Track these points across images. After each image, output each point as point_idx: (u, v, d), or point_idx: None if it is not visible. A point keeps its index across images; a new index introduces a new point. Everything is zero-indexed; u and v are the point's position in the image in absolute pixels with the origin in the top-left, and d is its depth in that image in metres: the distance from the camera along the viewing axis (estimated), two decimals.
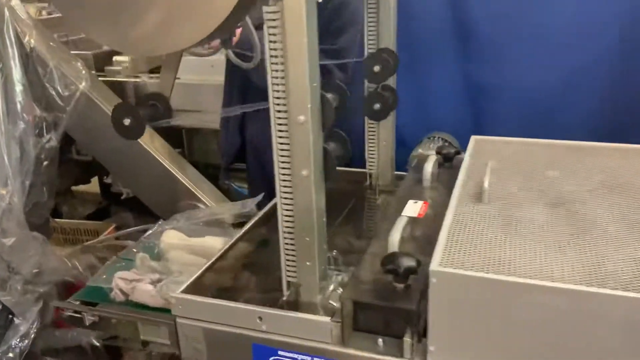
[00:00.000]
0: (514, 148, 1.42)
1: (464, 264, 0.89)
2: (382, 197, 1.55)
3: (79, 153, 2.95)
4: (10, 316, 1.78)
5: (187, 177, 2.55)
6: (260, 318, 1.02)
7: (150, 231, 1.62)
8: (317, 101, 0.93)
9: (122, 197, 3.03)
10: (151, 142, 2.49)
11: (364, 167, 1.61)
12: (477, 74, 1.99)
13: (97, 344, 2.13)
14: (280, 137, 0.95)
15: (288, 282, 1.05)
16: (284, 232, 1.01)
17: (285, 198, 0.99)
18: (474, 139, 1.48)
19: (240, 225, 1.62)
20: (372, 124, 1.52)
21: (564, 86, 1.93)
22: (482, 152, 1.39)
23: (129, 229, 2.72)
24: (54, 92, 2.20)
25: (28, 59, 2.11)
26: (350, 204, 1.54)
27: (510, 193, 1.16)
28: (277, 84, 0.92)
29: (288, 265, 1.03)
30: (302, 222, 0.98)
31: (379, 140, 1.53)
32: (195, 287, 1.12)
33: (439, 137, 1.74)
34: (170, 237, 1.57)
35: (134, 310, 1.35)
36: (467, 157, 1.36)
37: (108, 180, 3.19)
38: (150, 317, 1.31)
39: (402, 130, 1.73)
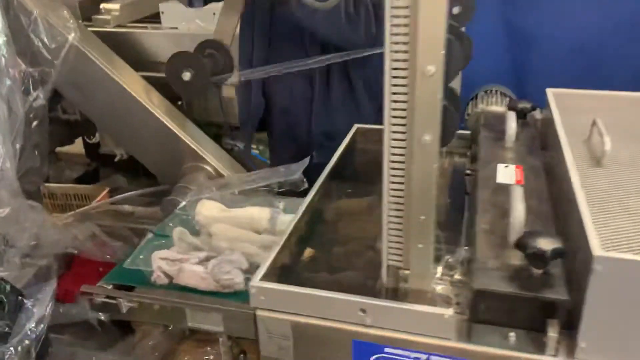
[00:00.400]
0: (600, 102, 1.26)
1: (626, 247, 0.75)
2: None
3: (65, 112, 2.70)
4: (20, 297, 1.59)
5: (190, 137, 2.35)
6: (364, 310, 0.86)
7: (183, 202, 1.42)
8: (445, 47, 0.74)
9: (116, 159, 2.80)
10: (148, 97, 2.27)
11: None
12: (523, 23, 1.82)
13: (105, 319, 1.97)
14: (396, 93, 0.77)
15: (389, 266, 0.89)
16: (391, 209, 0.84)
17: (397, 169, 0.81)
18: (551, 92, 1.32)
19: (282, 194, 1.44)
20: None
21: (615, 36, 1.78)
22: (569, 107, 1.23)
23: (126, 194, 2.53)
24: (40, 44, 1.95)
25: (8, 5, 1.85)
26: None
27: (626, 154, 1.01)
28: (399, 25, 0.73)
29: (392, 248, 0.87)
30: (418, 198, 0.81)
31: None
32: (272, 273, 0.95)
33: (496, 91, 1.57)
34: (208, 208, 1.38)
35: (181, 295, 1.18)
36: (555, 113, 1.20)
37: (94, 140, 2.96)
38: (204, 303, 1.14)
39: None
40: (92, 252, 1.97)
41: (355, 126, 1.51)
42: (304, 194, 1.43)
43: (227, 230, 1.31)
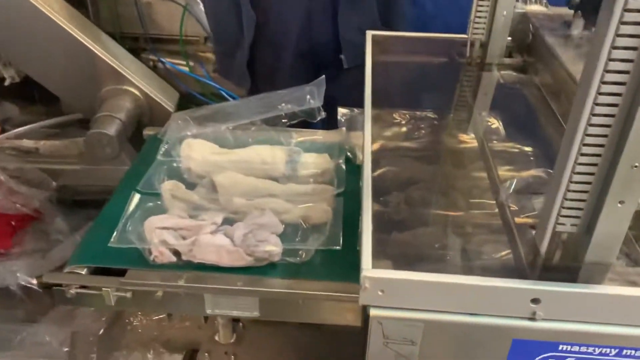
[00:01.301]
0: None
1: None
2: (499, 74, 1.12)
3: None
4: None
5: (107, 52, 1.91)
6: (536, 300, 0.60)
7: (164, 146, 1.04)
8: None
9: (6, 83, 2.25)
10: (46, 2, 1.79)
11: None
12: None
13: (32, 284, 1.62)
14: None
15: (556, 233, 0.63)
16: (584, 153, 0.57)
17: (608, 94, 0.53)
18: None
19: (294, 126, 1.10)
20: None
21: None
22: None
23: (31, 125, 2.06)
24: None
25: None
26: (452, 85, 1.10)
27: None
28: None
29: (570, 209, 0.60)
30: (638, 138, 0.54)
31: None
32: (380, 252, 0.65)
33: None
34: (198, 150, 1.02)
35: (192, 274, 0.85)
36: None
37: None
38: (231, 285, 0.83)
39: None
40: (1, 203, 1.60)
41: (370, 34, 1.18)
42: (318, 126, 1.12)
43: (236, 179, 0.97)
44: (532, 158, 0.91)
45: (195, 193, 0.95)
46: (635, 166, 0.56)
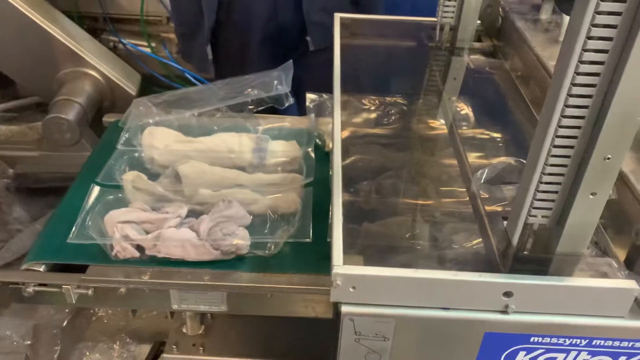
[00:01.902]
0: None
1: None
2: (468, 58, 1.10)
3: None
4: None
5: (65, 33, 1.84)
6: (509, 294, 0.59)
7: (125, 135, 0.99)
8: None
9: None
10: None
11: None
12: None
13: None
14: None
15: (527, 225, 0.62)
16: (557, 145, 0.56)
17: (582, 85, 0.52)
18: None
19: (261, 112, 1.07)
20: None
21: None
22: None
23: None
24: None
25: None
26: (422, 70, 1.08)
27: None
28: None
29: (542, 200, 0.60)
30: (614, 129, 0.53)
31: None
32: (351, 247, 0.63)
33: None
34: (161, 138, 0.98)
35: (156, 270, 0.82)
36: None
37: None
38: (200, 280, 0.80)
39: None
40: None
41: (337, 16, 1.15)
42: (289, 109, 1.09)
43: (202, 169, 0.94)
44: (501, 145, 0.91)
45: (159, 184, 0.91)
46: (608, 158, 0.55)
